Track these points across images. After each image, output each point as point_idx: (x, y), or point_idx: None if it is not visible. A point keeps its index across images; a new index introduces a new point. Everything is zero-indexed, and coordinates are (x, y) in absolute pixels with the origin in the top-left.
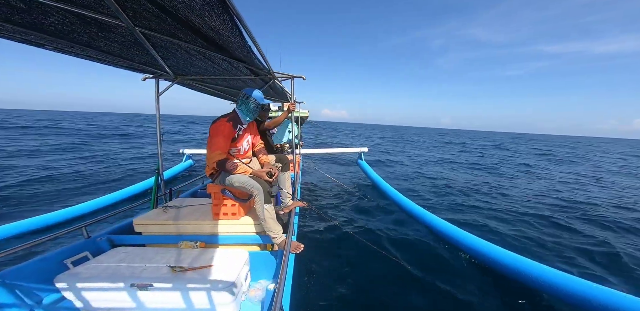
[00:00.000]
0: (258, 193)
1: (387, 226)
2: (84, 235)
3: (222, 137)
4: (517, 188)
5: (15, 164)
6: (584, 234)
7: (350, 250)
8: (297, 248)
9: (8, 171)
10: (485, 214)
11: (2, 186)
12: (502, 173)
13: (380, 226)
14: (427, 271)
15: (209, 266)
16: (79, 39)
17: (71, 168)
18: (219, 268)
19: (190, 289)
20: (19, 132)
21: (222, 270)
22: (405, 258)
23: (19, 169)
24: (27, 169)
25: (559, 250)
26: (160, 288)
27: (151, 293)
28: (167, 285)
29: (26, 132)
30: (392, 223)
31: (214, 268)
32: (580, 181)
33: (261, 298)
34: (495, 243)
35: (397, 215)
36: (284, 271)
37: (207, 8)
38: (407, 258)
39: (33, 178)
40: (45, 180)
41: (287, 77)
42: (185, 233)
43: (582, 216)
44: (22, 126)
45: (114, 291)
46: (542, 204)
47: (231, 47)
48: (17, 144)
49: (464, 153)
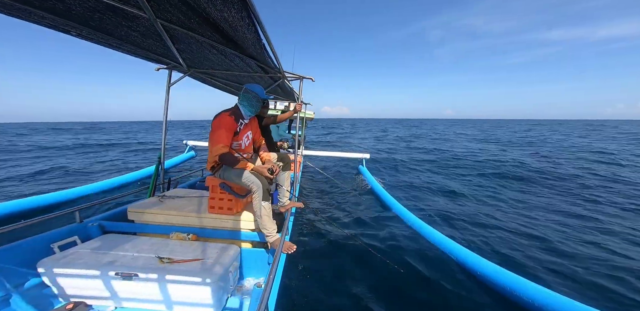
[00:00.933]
0: (257, 189)
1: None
2: (77, 219)
3: (224, 131)
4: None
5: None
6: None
7: (343, 254)
8: (289, 249)
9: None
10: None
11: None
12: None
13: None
14: (420, 279)
15: (198, 259)
16: (103, 27)
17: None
18: (207, 262)
19: (176, 281)
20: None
21: (211, 264)
22: (400, 264)
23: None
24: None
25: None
26: (145, 279)
27: (135, 283)
28: (153, 276)
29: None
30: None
31: (203, 261)
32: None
33: (248, 295)
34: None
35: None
36: (273, 271)
37: (228, 4)
38: (402, 265)
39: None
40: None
41: (296, 78)
42: (178, 224)
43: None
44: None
45: (97, 279)
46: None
47: (246, 43)
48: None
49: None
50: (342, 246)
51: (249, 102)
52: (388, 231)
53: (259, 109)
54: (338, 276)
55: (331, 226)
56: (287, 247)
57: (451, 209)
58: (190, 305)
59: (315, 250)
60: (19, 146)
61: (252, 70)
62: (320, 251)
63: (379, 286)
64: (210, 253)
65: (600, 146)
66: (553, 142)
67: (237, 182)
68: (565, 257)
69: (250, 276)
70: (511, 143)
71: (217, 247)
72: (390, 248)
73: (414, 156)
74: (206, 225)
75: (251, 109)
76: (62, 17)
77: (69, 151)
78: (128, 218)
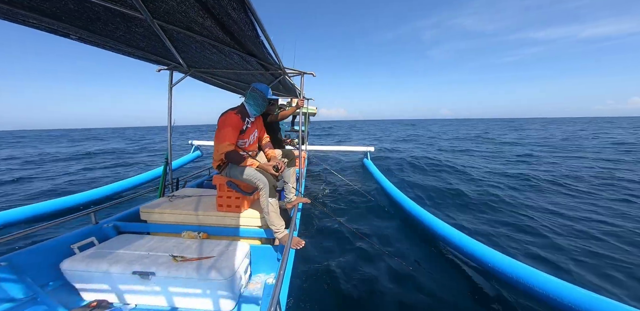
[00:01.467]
0: (264, 187)
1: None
2: (92, 221)
3: (230, 129)
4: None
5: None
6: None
7: (352, 248)
8: (298, 244)
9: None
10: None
11: None
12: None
13: (384, 226)
14: (429, 273)
15: (210, 257)
16: (102, 30)
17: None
18: (219, 260)
19: (191, 279)
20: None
21: (223, 261)
22: (408, 259)
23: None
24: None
25: None
26: (161, 277)
27: (152, 281)
28: (168, 274)
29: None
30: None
31: (215, 259)
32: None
33: (259, 291)
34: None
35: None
36: (283, 266)
37: (224, 2)
38: (410, 259)
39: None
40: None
41: (297, 73)
42: (189, 223)
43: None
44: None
45: (116, 278)
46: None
47: (244, 40)
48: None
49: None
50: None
51: (255, 101)
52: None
53: (264, 108)
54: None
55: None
56: (295, 243)
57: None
58: (205, 301)
59: (323, 245)
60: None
61: (253, 67)
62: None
63: (384, 283)
64: (221, 250)
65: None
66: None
67: (243, 180)
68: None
69: (260, 273)
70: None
71: (228, 245)
72: (396, 243)
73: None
74: (215, 223)
75: (257, 108)
76: (60, 21)
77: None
78: (140, 218)
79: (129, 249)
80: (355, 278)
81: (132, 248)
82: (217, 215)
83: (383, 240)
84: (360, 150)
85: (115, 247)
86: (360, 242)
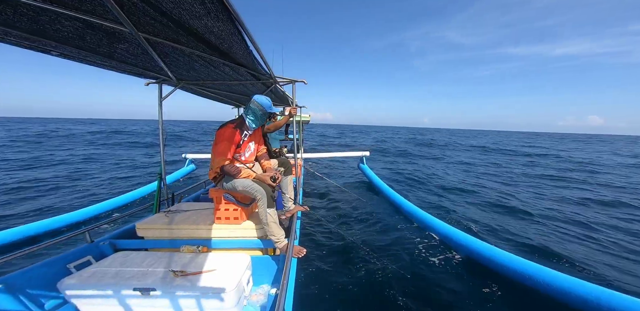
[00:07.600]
0: (261, 197)
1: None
2: (87, 240)
3: (227, 143)
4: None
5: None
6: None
7: (352, 256)
8: (299, 253)
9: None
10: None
11: None
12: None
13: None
14: (431, 279)
15: (211, 270)
16: (85, 45)
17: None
18: (220, 273)
19: (192, 293)
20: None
21: (224, 274)
22: (406, 265)
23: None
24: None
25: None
26: (162, 292)
27: (153, 297)
28: (169, 289)
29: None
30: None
31: (216, 272)
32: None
33: (263, 302)
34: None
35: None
36: (286, 276)
37: (210, 13)
38: (408, 266)
39: None
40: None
41: (288, 82)
42: (187, 238)
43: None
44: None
45: (117, 296)
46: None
47: (233, 52)
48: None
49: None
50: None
51: (255, 115)
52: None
53: (264, 122)
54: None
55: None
56: (296, 251)
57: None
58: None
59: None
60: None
61: (243, 78)
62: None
63: (381, 290)
64: (222, 263)
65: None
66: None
67: (240, 191)
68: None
69: (263, 283)
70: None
71: (228, 257)
72: (395, 249)
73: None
74: (214, 236)
75: (256, 122)
76: (41, 36)
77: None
78: (137, 234)
79: (127, 266)
80: (359, 286)
81: (131, 265)
82: (215, 228)
83: (383, 246)
84: (355, 155)
85: (114, 264)
86: (360, 249)
